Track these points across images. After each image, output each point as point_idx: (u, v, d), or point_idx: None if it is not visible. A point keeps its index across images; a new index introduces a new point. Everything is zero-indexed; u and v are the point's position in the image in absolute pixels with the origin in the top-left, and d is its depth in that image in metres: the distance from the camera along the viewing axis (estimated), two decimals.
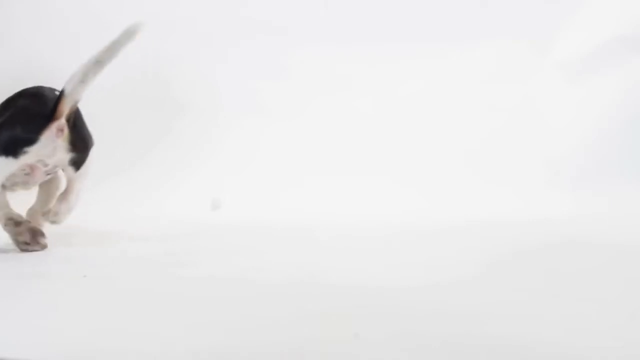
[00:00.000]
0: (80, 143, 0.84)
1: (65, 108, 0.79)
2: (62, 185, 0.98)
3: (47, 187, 0.97)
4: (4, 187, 0.88)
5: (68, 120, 0.81)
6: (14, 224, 0.88)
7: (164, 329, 0.45)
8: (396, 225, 1.25)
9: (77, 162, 0.85)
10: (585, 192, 1.66)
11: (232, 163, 1.58)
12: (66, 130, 0.80)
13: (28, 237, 0.87)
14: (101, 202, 1.72)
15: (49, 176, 0.89)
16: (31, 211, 0.96)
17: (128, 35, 0.84)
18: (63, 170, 0.88)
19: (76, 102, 0.82)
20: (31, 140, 0.79)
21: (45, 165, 0.84)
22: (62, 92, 0.79)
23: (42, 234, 0.89)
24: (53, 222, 0.91)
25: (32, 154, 0.80)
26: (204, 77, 2.22)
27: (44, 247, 0.87)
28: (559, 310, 0.48)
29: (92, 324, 0.46)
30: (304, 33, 2.20)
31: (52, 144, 0.80)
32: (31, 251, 0.86)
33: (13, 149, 0.80)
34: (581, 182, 1.75)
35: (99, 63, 0.82)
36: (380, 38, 2.16)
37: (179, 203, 1.66)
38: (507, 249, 0.87)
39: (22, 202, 1.07)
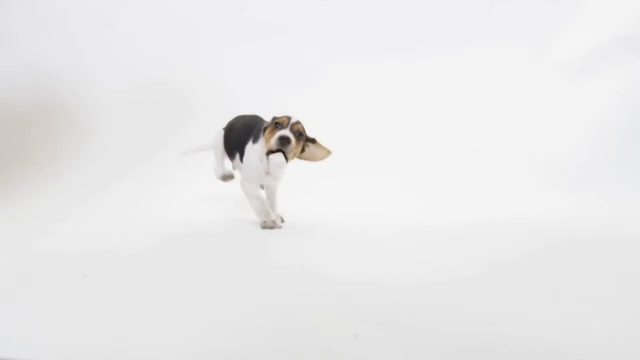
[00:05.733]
0: None
1: None
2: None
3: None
4: None
5: None
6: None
7: (161, 329, 0.45)
8: (397, 226, 1.25)
9: None
10: (585, 192, 1.67)
11: None
12: None
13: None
14: (104, 203, 1.71)
15: None
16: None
17: None
18: None
19: None
20: None
21: None
22: None
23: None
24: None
25: None
26: (210, 80, 2.22)
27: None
28: (559, 310, 0.48)
29: (92, 324, 0.46)
30: (304, 33, 2.20)
31: None
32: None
33: None
34: (581, 182, 1.75)
35: None
36: (383, 41, 2.16)
37: (180, 204, 1.66)
38: (508, 249, 0.87)
39: None
